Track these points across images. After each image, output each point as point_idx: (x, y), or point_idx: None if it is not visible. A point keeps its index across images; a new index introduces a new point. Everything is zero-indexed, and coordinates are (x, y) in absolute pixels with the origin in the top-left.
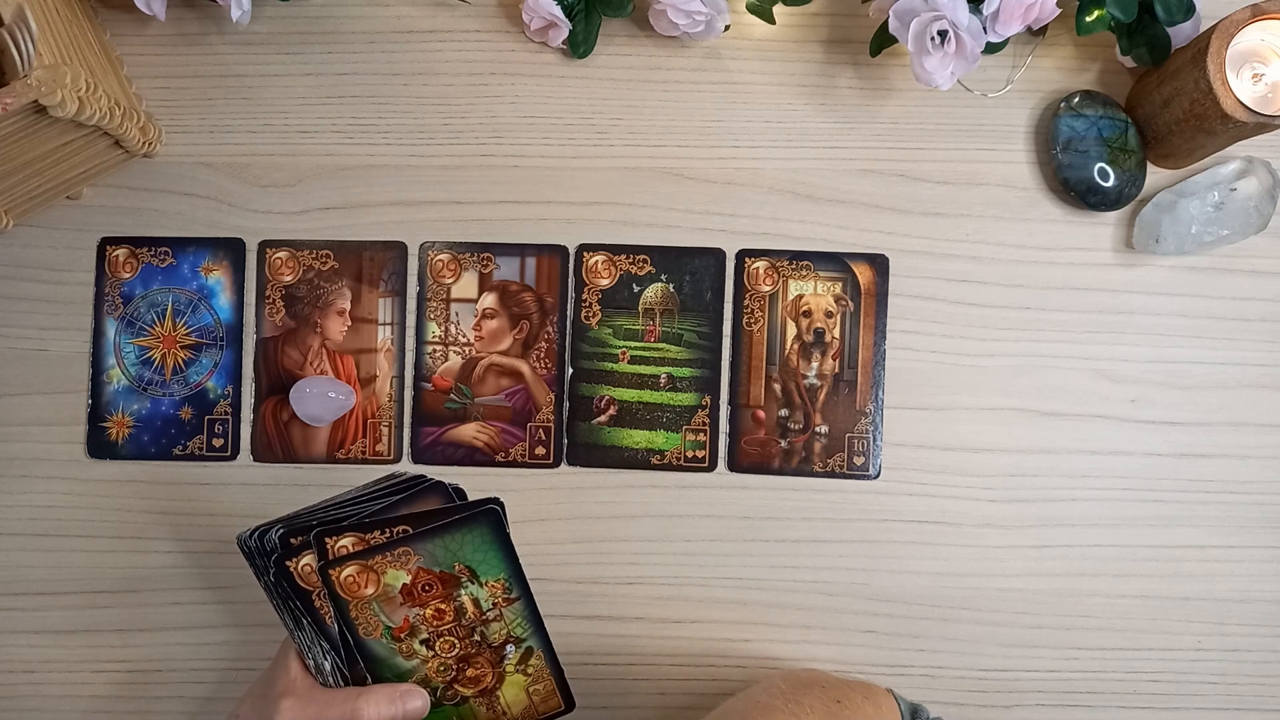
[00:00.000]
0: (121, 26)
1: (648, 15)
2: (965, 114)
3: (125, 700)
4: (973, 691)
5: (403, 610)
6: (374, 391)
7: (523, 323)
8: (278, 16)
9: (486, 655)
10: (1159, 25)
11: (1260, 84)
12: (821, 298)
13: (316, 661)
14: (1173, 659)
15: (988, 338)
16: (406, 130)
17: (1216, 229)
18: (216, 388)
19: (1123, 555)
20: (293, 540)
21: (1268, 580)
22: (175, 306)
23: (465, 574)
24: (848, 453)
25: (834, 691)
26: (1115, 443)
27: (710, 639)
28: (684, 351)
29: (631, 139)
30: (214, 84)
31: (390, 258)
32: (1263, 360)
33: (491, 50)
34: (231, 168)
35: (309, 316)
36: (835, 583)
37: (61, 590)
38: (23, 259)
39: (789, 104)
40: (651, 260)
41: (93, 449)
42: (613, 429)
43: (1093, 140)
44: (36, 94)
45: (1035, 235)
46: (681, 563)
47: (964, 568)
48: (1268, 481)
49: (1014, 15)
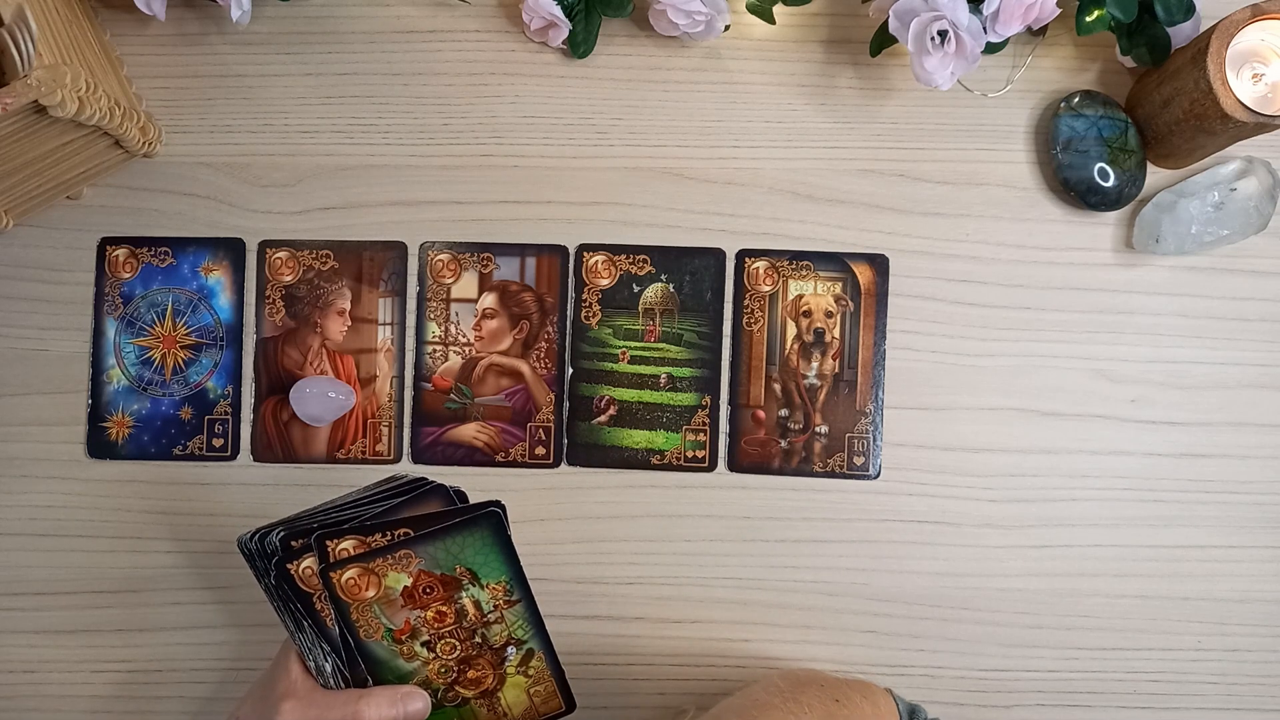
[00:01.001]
0: (121, 26)
1: (648, 15)
2: (965, 114)
3: (125, 700)
4: (973, 691)
5: (404, 612)
6: (374, 391)
7: (523, 323)
8: (278, 16)
9: (487, 657)
10: (1159, 25)
11: (1260, 84)
12: (821, 298)
13: (317, 663)
14: (1173, 659)
15: (988, 338)
16: (406, 130)
17: (1216, 229)
18: (216, 388)
19: (1123, 555)
20: (293, 543)
21: (1268, 580)
22: (175, 306)
23: (467, 576)
24: (848, 453)
25: (832, 690)
26: (1115, 443)
27: (710, 639)
28: (684, 351)
29: (631, 139)
30: (214, 84)
31: (390, 258)
32: (1263, 360)
33: (491, 50)
34: (231, 168)
35: (309, 316)
36: (835, 583)
37: (61, 590)
38: (23, 259)
39: (789, 104)
40: (651, 260)
41: (93, 449)
42: (613, 429)
43: (1093, 140)
44: (36, 94)
45: (1035, 235)
46: (681, 563)
47: (964, 568)
48: (1268, 481)
49: (1014, 15)
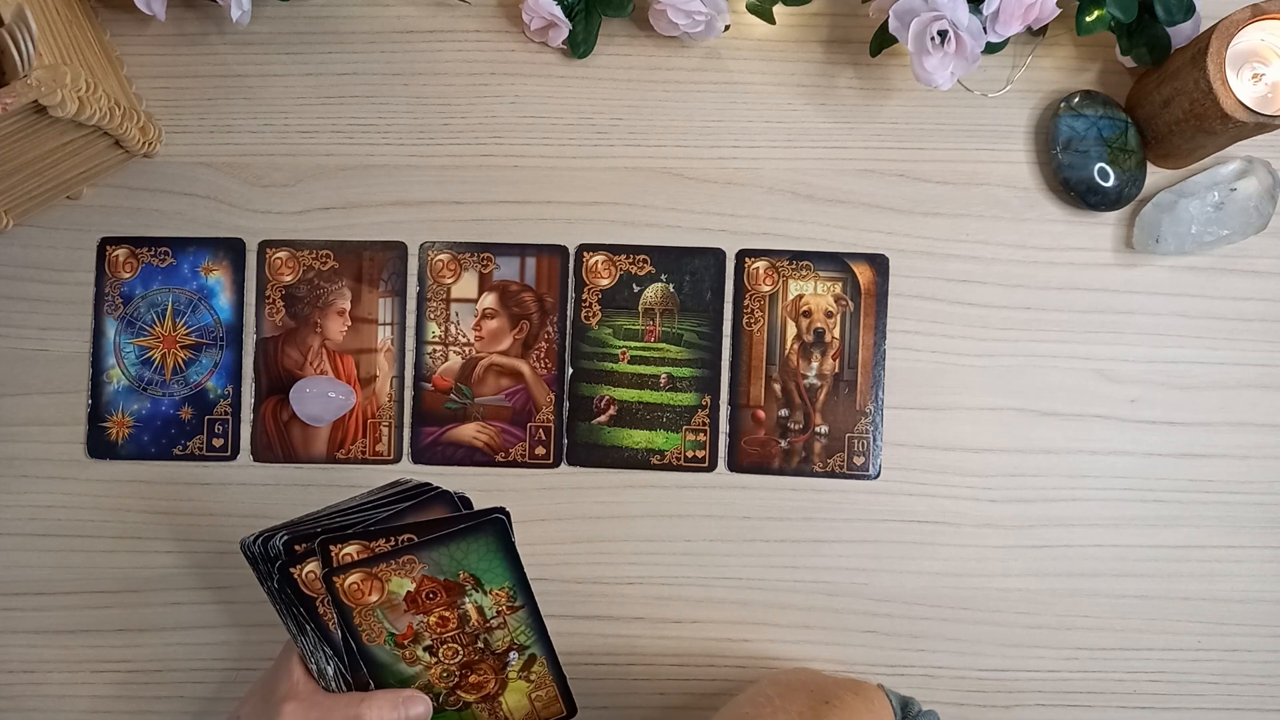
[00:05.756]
0: (121, 26)
1: (648, 15)
2: (965, 114)
3: (125, 701)
4: (973, 691)
5: (407, 617)
6: (374, 391)
7: (523, 323)
8: (278, 16)
9: (489, 662)
10: (1159, 25)
11: (1260, 84)
12: (821, 298)
13: (319, 666)
14: (1173, 659)
15: (988, 338)
16: (406, 130)
17: (1216, 229)
18: (216, 388)
19: (1123, 555)
20: (297, 547)
21: (1268, 580)
22: (175, 306)
23: (470, 582)
24: (848, 453)
25: (821, 694)
26: (1115, 443)
27: (710, 639)
28: (684, 351)
29: (631, 139)
30: (214, 84)
31: (390, 258)
32: (1263, 360)
33: (491, 50)
34: (231, 168)
35: (309, 316)
36: (835, 583)
37: (61, 590)
38: (23, 259)
39: (789, 104)
40: (651, 260)
41: (93, 449)
42: (613, 429)
43: (1093, 140)
44: (36, 94)
45: (1035, 235)
46: (681, 563)
47: (964, 568)
48: (1268, 481)
49: (1014, 15)
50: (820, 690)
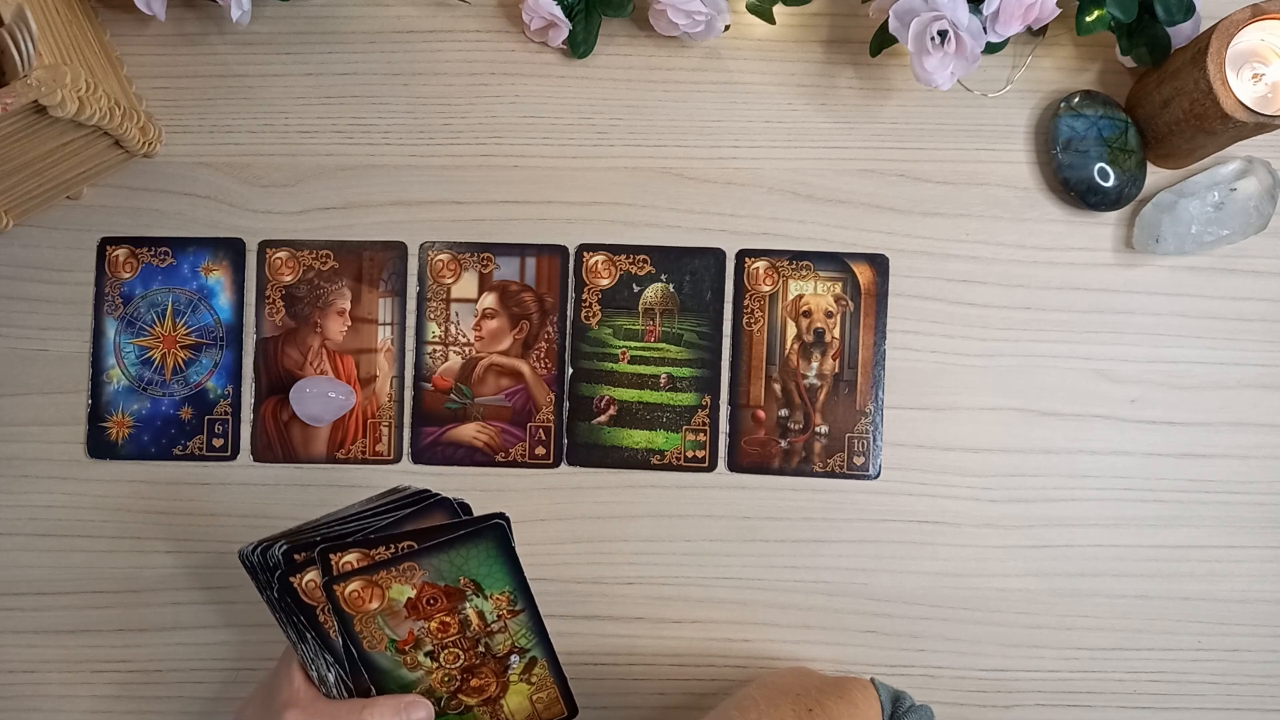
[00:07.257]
0: (121, 26)
1: (648, 15)
2: (965, 114)
3: (125, 701)
4: (973, 691)
5: (407, 623)
6: (374, 391)
7: (523, 323)
8: (278, 16)
9: (491, 665)
10: (1159, 25)
11: (1260, 84)
12: (821, 298)
13: (320, 673)
14: (1173, 659)
15: (988, 338)
16: (406, 130)
17: (1216, 229)
18: (216, 388)
19: (1123, 555)
20: (296, 556)
21: (1268, 580)
22: (175, 306)
23: (470, 587)
24: (848, 453)
25: (805, 699)
26: (1115, 443)
27: (710, 639)
28: (684, 351)
29: (631, 139)
30: (214, 84)
31: (390, 258)
32: (1263, 360)
33: (491, 50)
34: (231, 168)
35: (309, 316)
36: (835, 583)
37: (61, 590)
38: (23, 259)
39: (789, 104)
40: (651, 260)
41: (93, 449)
42: (613, 429)
43: (1093, 140)
44: (36, 94)
45: (1035, 235)
46: (681, 563)
47: (964, 568)
48: (1268, 481)
49: (1014, 15)
50: (805, 696)
